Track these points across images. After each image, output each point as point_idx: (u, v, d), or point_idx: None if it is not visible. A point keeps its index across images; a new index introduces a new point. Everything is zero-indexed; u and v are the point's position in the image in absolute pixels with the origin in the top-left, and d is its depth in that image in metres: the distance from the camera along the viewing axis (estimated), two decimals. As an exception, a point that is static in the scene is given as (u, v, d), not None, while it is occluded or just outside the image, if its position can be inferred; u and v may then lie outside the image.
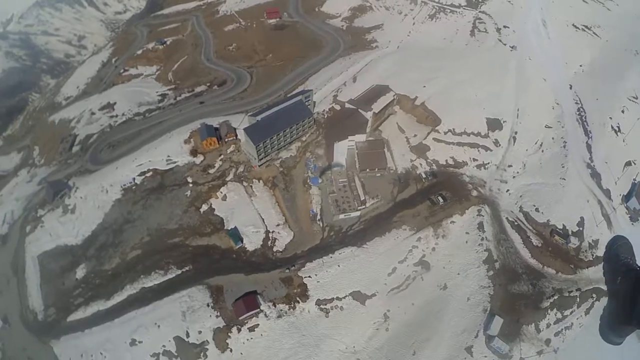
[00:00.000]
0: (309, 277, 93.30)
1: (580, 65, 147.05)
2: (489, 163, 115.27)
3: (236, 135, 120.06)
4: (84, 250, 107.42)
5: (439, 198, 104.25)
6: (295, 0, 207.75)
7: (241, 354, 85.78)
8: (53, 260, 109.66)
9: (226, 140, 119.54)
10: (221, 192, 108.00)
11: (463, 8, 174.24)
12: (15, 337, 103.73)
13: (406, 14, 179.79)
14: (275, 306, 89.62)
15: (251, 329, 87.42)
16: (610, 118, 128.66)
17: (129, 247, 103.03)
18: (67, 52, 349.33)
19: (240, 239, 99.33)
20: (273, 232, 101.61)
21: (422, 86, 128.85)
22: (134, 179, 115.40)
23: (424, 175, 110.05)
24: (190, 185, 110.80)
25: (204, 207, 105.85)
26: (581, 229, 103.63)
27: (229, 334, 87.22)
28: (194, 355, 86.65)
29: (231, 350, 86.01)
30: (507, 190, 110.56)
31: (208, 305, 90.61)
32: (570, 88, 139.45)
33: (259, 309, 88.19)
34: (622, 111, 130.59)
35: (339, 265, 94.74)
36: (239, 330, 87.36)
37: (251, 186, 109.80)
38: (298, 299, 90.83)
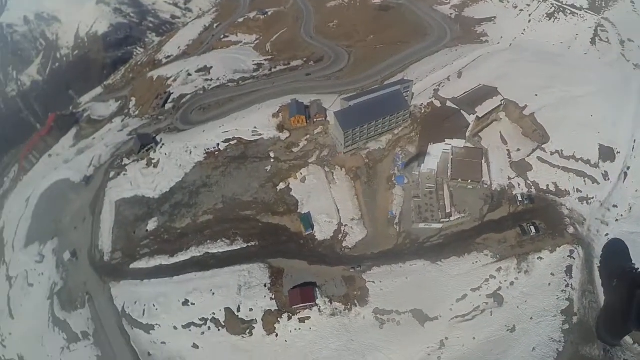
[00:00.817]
0: (373, 282, 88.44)
1: None
2: (593, 198, 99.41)
3: (326, 117, 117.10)
4: (159, 205, 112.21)
5: (532, 227, 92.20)
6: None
7: (285, 341, 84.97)
8: (129, 208, 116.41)
9: (315, 120, 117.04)
10: (301, 173, 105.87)
11: (585, 11, 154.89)
12: (79, 271, 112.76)
13: (522, 9, 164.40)
14: (331, 303, 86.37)
15: (302, 320, 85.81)
16: None
17: (201, 211, 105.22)
18: (173, 13, 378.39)
19: (311, 226, 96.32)
20: (346, 225, 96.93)
21: (534, 94, 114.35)
22: (218, 144, 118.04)
23: (519, 198, 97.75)
24: (272, 160, 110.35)
25: (282, 186, 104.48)
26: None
27: (279, 319, 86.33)
28: (240, 330, 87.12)
29: (277, 335, 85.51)
30: (607, 235, 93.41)
31: (265, 286, 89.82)
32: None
33: (314, 303, 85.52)
34: None
35: (407, 278, 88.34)
36: (290, 318, 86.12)
37: (332, 172, 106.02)
38: (356, 302, 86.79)
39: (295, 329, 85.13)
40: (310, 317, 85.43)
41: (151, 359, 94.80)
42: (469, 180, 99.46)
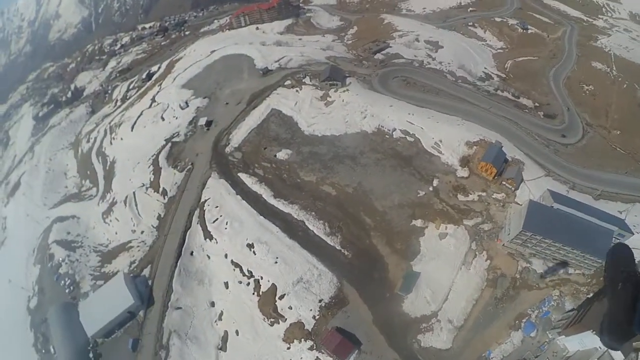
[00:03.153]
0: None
1: None
2: None
3: (517, 187, 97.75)
4: (303, 143, 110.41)
5: None
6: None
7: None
8: (277, 124, 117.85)
9: (503, 182, 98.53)
10: (445, 228, 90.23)
11: None
12: (201, 141, 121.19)
13: None
14: (357, 375, 75.44)
15: (318, 360, 77.45)
16: None
17: (330, 180, 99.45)
18: None
19: (409, 291, 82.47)
20: (439, 322, 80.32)
21: None
22: (394, 129, 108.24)
23: None
24: (430, 189, 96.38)
25: (418, 223, 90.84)
26: None
27: (301, 340, 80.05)
28: (268, 312, 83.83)
29: (288, 348, 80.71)
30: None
31: (320, 301, 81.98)
32: None
33: (342, 360, 75.88)
34: None
35: None
36: (311, 348, 78.99)
37: (475, 254, 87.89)
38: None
39: (302, 360, 78.27)
40: (327, 366, 76.76)
41: (189, 259, 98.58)
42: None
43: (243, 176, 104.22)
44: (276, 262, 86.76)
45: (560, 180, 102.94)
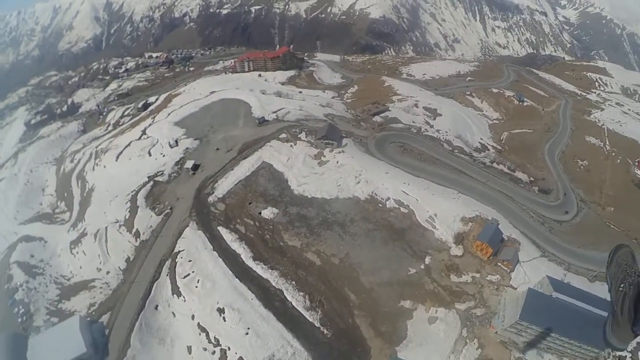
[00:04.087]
0: None
1: None
2: None
3: (512, 270, 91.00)
4: (291, 202, 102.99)
5: None
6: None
7: None
8: (266, 178, 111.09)
9: (498, 263, 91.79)
10: (435, 311, 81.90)
11: None
12: (184, 186, 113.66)
13: None
14: None
15: None
16: None
17: (315, 247, 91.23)
18: (437, 42, 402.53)
19: (394, 379, 72.68)
20: None
21: None
22: (388, 198, 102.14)
23: None
24: (422, 267, 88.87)
25: (406, 304, 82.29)
26: None
27: None
28: None
29: None
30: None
31: None
32: None
33: None
34: None
35: None
36: None
37: (466, 342, 79.18)
38: None
39: None
40: None
41: (153, 313, 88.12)
42: None
43: (223, 231, 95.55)
44: (247, 334, 76.40)
45: (556, 261, 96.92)
